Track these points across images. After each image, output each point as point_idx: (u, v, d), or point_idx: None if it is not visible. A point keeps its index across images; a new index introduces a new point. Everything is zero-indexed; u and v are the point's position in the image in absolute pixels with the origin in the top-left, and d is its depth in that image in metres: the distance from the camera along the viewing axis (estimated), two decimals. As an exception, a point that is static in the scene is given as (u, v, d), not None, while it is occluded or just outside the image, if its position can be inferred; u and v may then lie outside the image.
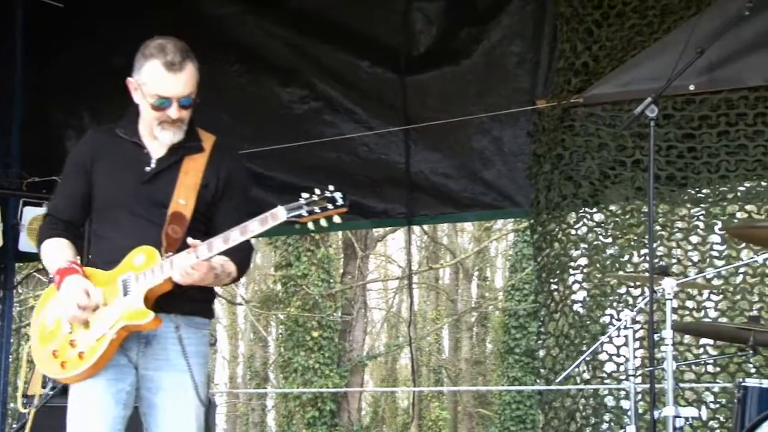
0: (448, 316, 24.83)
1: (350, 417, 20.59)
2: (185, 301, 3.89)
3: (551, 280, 6.41)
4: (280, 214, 3.69)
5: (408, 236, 10.97)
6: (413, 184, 6.87)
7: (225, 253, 3.79)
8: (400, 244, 23.43)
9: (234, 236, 3.73)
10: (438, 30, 6.77)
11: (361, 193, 6.96)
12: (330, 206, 3.68)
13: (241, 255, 3.94)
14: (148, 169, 3.94)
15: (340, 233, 20.55)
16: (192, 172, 3.94)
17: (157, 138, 3.95)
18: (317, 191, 3.69)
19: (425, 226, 20.37)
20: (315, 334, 20.31)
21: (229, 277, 3.96)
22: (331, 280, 21.03)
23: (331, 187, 3.70)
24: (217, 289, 4.38)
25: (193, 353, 3.91)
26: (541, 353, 6.43)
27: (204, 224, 3.94)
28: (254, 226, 3.71)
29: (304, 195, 3.69)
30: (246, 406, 25.43)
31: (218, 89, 6.93)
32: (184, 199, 3.89)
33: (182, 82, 3.85)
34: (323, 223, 3.73)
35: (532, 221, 6.55)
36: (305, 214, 3.68)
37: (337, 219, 3.73)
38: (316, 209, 3.68)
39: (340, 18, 6.88)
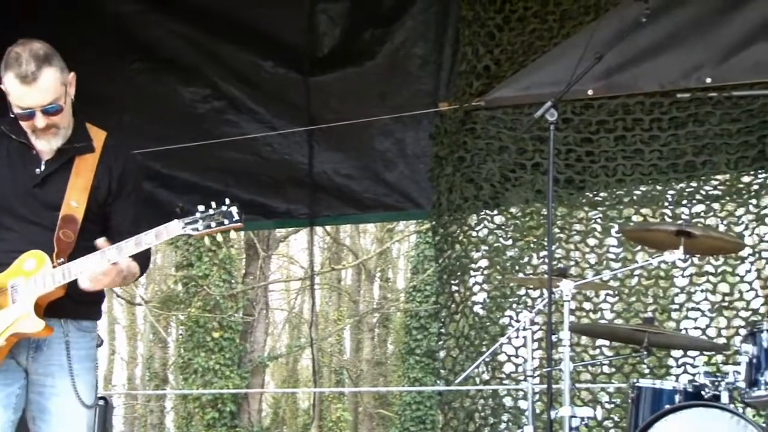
0: (350, 317, 24.84)
1: (250, 418, 20.47)
2: (75, 305, 3.83)
3: (452, 282, 6.46)
4: (174, 228, 3.69)
5: (310, 237, 10.95)
6: (316, 184, 6.87)
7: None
8: (303, 244, 23.37)
9: (128, 248, 3.70)
10: (342, 31, 6.77)
11: (264, 194, 6.93)
12: (226, 221, 3.68)
13: (142, 257, 3.89)
14: (38, 171, 3.85)
15: (242, 233, 20.42)
16: (83, 173, 3.87)
17: None
18: (213, 204, 3.68)
19: (328, 227, 20.35)
20: (216, 334, 20.14)
21: (133, 277, 3.93)
22: (233, 281, 20.88)
23: (227, 201, 3.69)
24: (116, 290, 4.33)
25: (82, 357, 3.86)
26: (442, 354, 6.47)
27: (98, 225, 3.88)
28: (149, 239, 3.70)
29: (200, 208, 3.68)
30: (144, 408, 25.10)
31: (120, 87, 6.85)
32: (76, 201, 3.82)
33: (40, 91, 3.73)
34: (218, 238, 3.74)
35: (433, 223, 6.59)
36: (201, 228, 3.67)
37: (233, 234, 3.75)
38: (212, 224, 3.67)
39: (244, 18, 6.83)
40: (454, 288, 6.45)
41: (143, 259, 3.90)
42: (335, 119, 6.72)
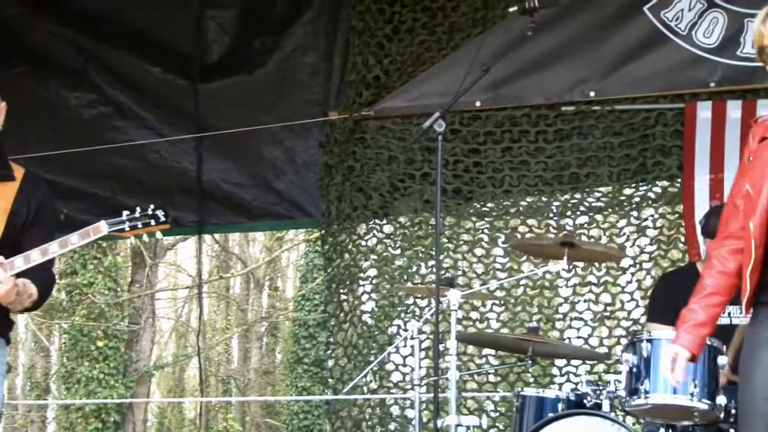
0: (238, 325, 24.65)
1: (135, 428, 20.15)
2: None
3: (341, 291, 6.47)
4: (102, 228, 3.73)
5: (199, 245, 10.83)
6: (205, 192, 6.81)
7: (27, 275, 3.75)
8: (191, 252, 23.11)
9: (53, 249, 3.73)
10: (231, 39, 6.73)
11: (151, 201, 6.82)
12: (152, 222, 3.73)
13: (45, 280, 3.89)
14: None
15: (128, 240, 20.09)
16: (2, 197, 3.87)
17: None
18: (139, 209, 3.73)
19: (216, 235, 20.17)
20: (100, 343, 19.79)
21: (29, 299, 3.87)
22: (119, 289, 20.54)
23: (152, 206, 3.73)
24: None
25: None
26: (330, 363, 6.47)
27: (11, 250, 3.84)
28: (74, 239, 3.75)
29: (126, 212, 3.71)
30: (25, 418, 24.53)
31: (3, 92, 6.68)
32: None
33: None
34: (145, 238, 3.81)
35: (323, 232, 6.60)
36: (127, 228, 3.70)
37: (159, 235, 3.78)
38: (139, 225, 3.71)
39: (132, 23, 6.75)
40: (343, 297, 6.46)
41: (45, 283, 3.88)
42: (225, 127, 6.67)
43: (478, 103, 6.29)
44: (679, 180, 6.05)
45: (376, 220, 6.50)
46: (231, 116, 6.69)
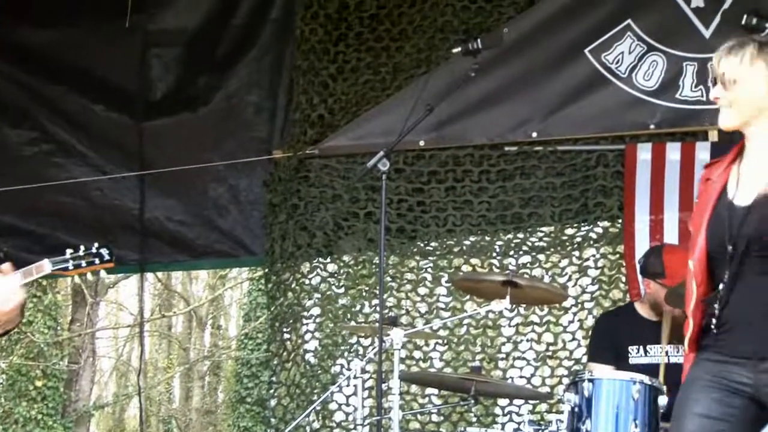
0: (180, 364, 24.41)
1: (74, 469, 19.84)
2: None
3: (284, 329, 6.44)
4: (45, 266, 3.71)
5: (141, 283, 10.75)
6: (147, 230, 6.76)
7: None
8: (133, 290, 22.88)
9: None
10: (175, 76, 6.72)
11: (92, 239, 6.76)
12: (96, 260, 3.71)
13: None
14: None
15: (69, 279, 19.88)
16: None
17: None
18: (83, 248, 3.70)
19: (159, 273, 20.00)
20: (39, 383, 19.48)
21: None
22: (59, 328, 20.28)
23: (96, 244, 3.70)
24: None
25: None
26: (272, 402, 6.42)
27: None
28: (17, 278, 3.64)
29: (70, 250, 3.68)
30: (-39, 461, 24.06)
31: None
32: None
33: None
34: (89, 276, 3.74)
35: (266, 270, 6.57)
36: (71, 267, 3.67)
37: (103, 273, 3.76)
38: (83, 263, 3.68)
39: (74, 60, 6.72)
40: (286, 336, 6.43)
41: None
42: (168, 164, 6.65)
43: (422, 143, 6.32)
44: (620, 220, 6.11)
45: (320, 259, 6.49)
46: (175, 154, 6.67)
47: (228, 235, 6.75)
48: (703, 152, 5.74)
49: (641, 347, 5.14)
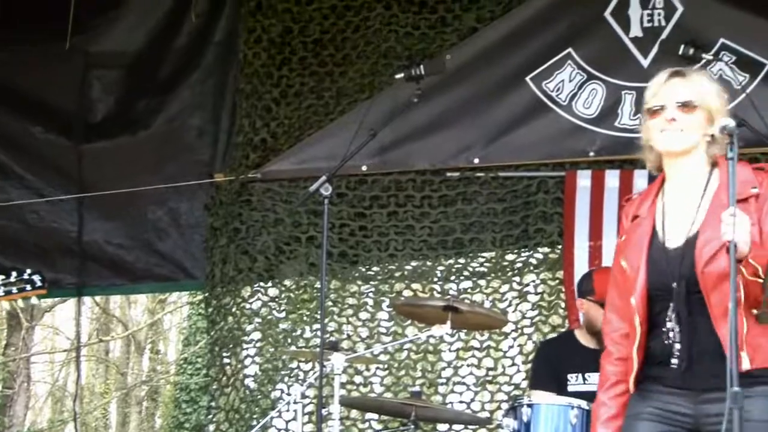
0: (118, 389, 24.13)
1: (8, 497, 19.49)
2: None
3: (224, 354, 6.40)
4: None
5: (78, 307, 10.61)
6: (86, 253, 6.69)
7: None
8: (70, 314, 22.60)
9: None
10: (116, 98, 6.68)
11: (30, 262, 6.68)
12: (28, 287, 3.65)
13: None
14: None
15: (3, 303, 19.62)
16: None
17: None
18: (15, 273, 3.64)
19: (97, 297, 19.78)
20: (-28, 408, 19.17)
21: None
22: (-7, 352, 19.97)
23: (28, 270, 3.65)
24: None
25: None
26: (211, 428, 6.37)
27: None
28: None
29: (1, 276, 3.63)
30: None
31: None
32: None
33: None
34: (20, 303, 3.71)
35: (206, 294, 6.53)
36: (1, 293, 3.62)
37: (34, 300, 3.71)
38: (14, 290, 3.63)
39: (12, 81, 6.65)
40: (226, 360, 6.39)
41: None
42: (107, 187, 6.59)
43: (364, 168, 6.34)
44: (560, 246, 6.16)
45: (261, 283, 6.47)
46: (114, 177, 6.61)
47: (168, 258, 6.70)
48: (641, 180, 5.80)
49: (580, 375, 5.18)
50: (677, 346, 3.27)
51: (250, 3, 6.48)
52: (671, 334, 3.27)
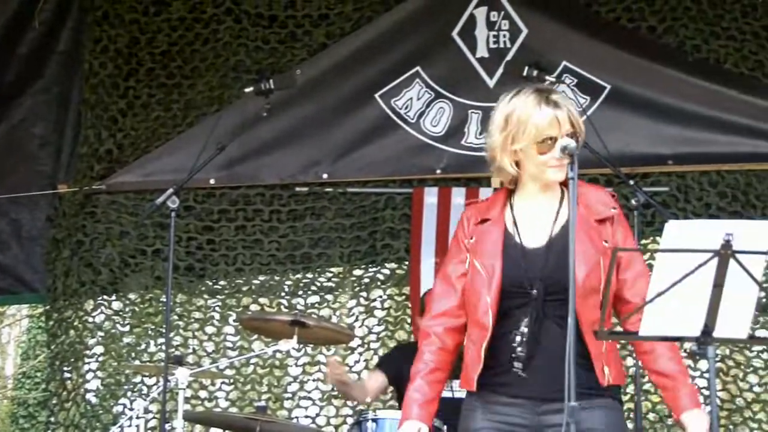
0: (-50, 405, 23.30)
1: None
2: None
3: (65, 368, 6.28)
4: None
5: None
6: None
7: None
8: None
9: None
10: (-45, 106, 6.48)
11: None
12: None
13: None
14: None
15: None
16: None
17: None
18: None
19: (-69, 309, 19.10)
20: None
21: None
22: None
23: None
24: None
25: None
26: (50, 444, 6.24)
27: None
28: None
29: None
30: None
31: None
32: None
33: None
34: None
35: (47, 307, 6.39)
36: None
37: None
38: None
39: None
40: (67, 375, 6.27)
41: None
42: (-54, 197, 6.38)
43: (212, 181, 6.30)
44: (407, 262, 6.24)
45: (105, 297, 6.37)
46: (-48, 187, 6.41)
47: (8, 271, 6.52)
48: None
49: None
50: (523, 350, 3.27)
51: (96, 12, 6.37)
52: (519, 338, 3.28)
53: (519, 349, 3.28)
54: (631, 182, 5.17)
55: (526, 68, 5.28)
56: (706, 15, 6.15)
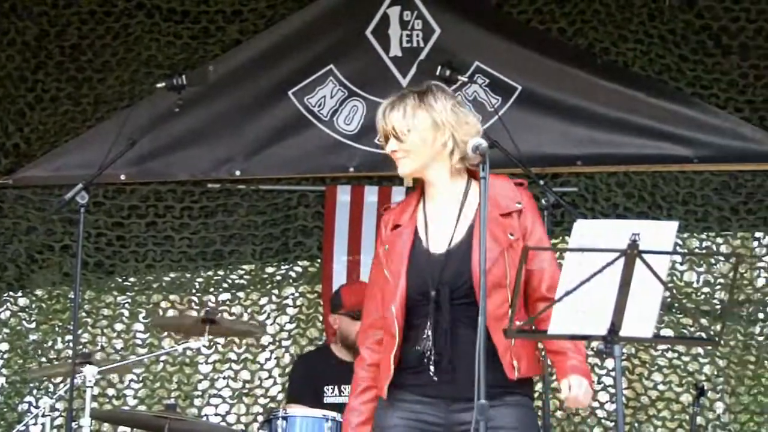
0: None
1: None
2: None
3: (-33, 367, 6.17)
4: None
5: None
6: None
7: None
8: None
9: None
10: None
11: None
12: None
13: None
14: None
15: None
16: None
17: None
18: None
19: None
20: None
21: None
22: None
23: None
24: None
25: None
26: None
27: None
28: None
29: None
30: None
31: None
32: None
33: None
34: None
35: (-50, 304, 6.26)
36: None
37: None
38: None
39: None
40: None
41: None
42: None
43: (123, 177, 6.24)
44: (319, 260, 6.25)
45: (11, 293, 6.28)
46: None
47: None
48: (399, 196, 5.95)
49: (336, 387, 5.28)
50: (434, 353, 3.32)
51: (4, 4, 6.26)
52: (428, 343, 3.32)
53: (428, 353, 3.33)
54: (542, 182, 5.24)
55: (439, 68, 5.31)
56: (614, 18, 6.25)
